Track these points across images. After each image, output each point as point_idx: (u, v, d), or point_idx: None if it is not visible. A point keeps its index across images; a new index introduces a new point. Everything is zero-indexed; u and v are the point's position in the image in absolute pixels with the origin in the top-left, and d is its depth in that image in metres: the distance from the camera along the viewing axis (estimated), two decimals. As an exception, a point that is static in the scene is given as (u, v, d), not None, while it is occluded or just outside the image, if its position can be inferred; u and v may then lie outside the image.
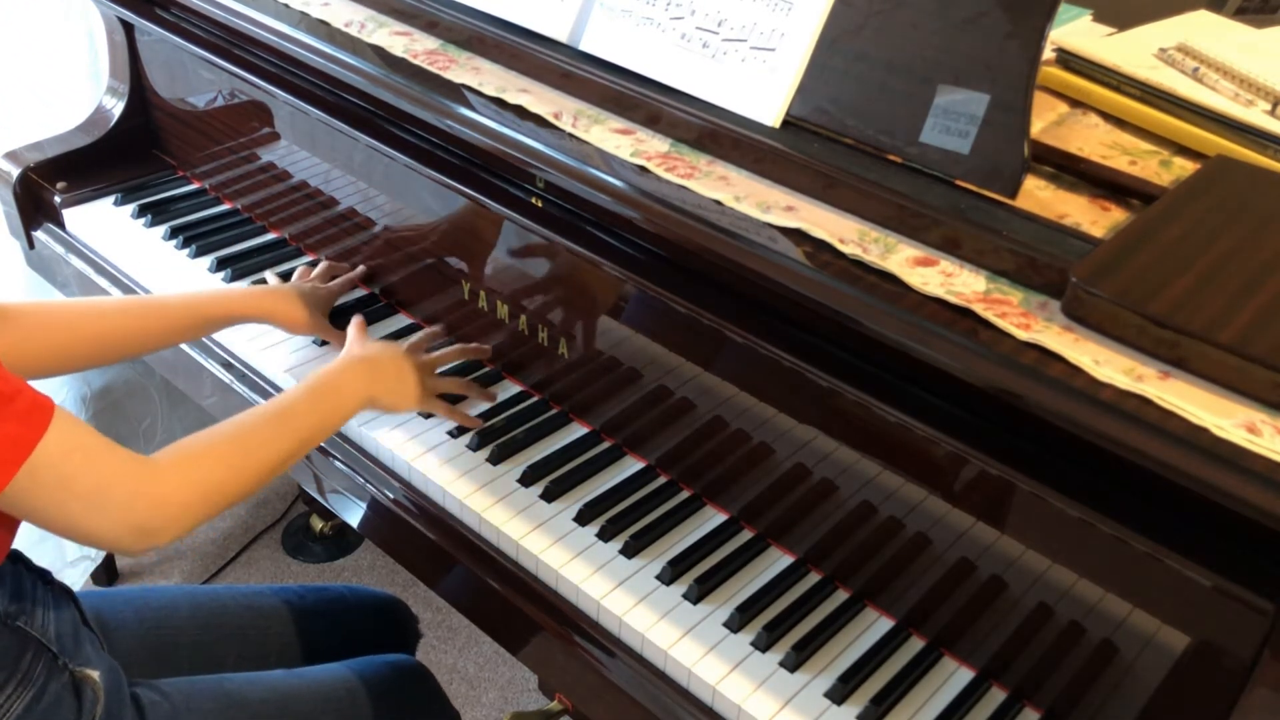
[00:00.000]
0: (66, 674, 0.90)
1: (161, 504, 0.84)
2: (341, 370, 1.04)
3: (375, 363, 1.07)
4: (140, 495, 0.83)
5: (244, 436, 0.92)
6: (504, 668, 1.86)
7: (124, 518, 0.82)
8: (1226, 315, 0.75)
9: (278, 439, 0.94)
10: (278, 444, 0.93)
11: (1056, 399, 0.75)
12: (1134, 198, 0.95)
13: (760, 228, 0.92)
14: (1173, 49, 1.12)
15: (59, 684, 0.89)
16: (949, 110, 0.91)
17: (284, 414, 0.96)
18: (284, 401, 0.97)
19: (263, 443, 0.92)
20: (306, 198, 1.40)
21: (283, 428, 0.95)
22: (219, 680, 1.05)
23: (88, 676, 0.92)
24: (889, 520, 0.94)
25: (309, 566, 2.04)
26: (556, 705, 1.58)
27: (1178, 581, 0.76)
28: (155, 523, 0.84)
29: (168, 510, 0.84)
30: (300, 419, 0.96)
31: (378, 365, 1.07)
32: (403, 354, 1.11)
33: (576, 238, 1.06)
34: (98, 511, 0.81)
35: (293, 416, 0.96)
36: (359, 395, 1.03)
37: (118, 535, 0.83)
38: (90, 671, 0.92)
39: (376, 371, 1.06)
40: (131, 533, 0.83)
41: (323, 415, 0.99)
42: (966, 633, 0.94)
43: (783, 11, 1.00)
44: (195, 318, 1.14)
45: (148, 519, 0.83)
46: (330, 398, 1.00)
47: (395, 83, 1.14)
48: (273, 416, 0.95)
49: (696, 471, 1.08)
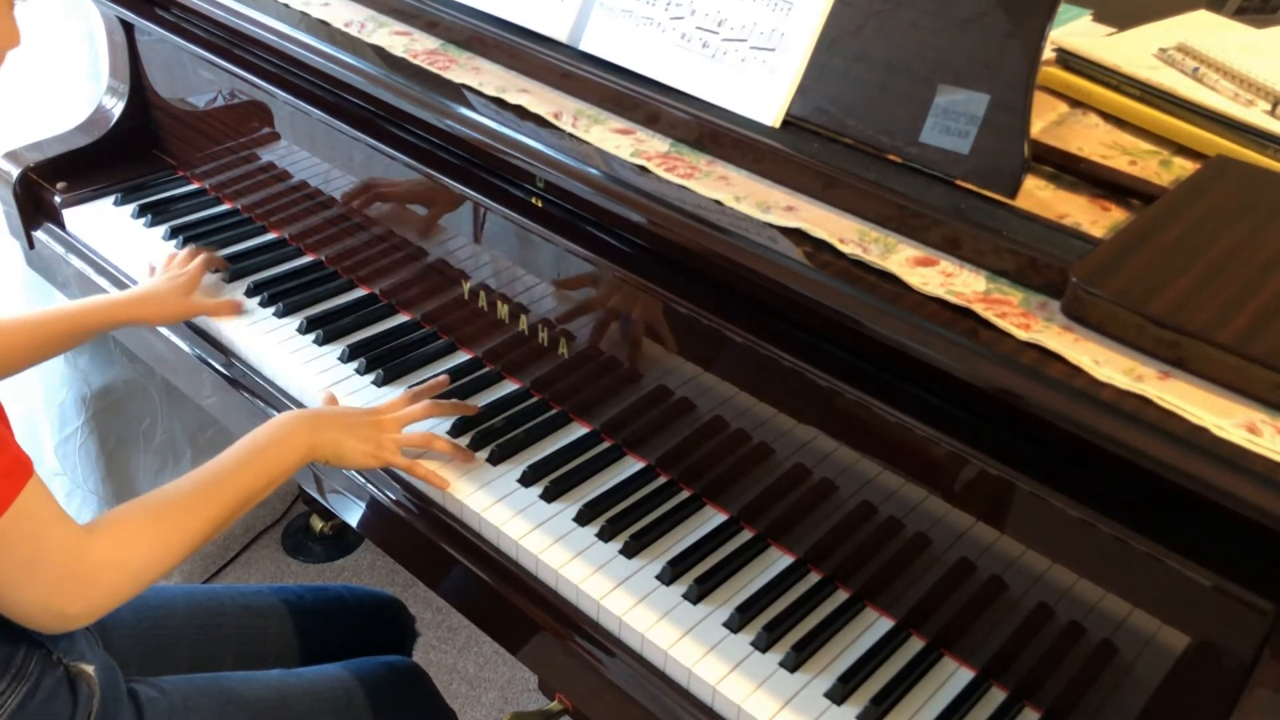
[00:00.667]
0: (61, 669, 0.90)
1: (88, 587, 0.83)
2: (277, 425, 1.01)
3: (317, 415, 1.04)
4: (68, 577, 0.81)
5: (177, 509, 0.90)
6: (504, 668, 1.86)
7: (46, 598, 0.81)
8: (1226, 315, 0.75)
9: (209, 505, 0.92)
10: (210, 510, 0.92)
11: (1056, 399, 0.75)
12: (1134, 198, 0.95)
13: (760, 228, 0.92)
14: (1173, 49, 1.12)
15: (53, 678, 0.89)
16: (949, 110, 0.91)
17: (216, 479, 0.94)
18: (217, 465, 0.95)
19: (195, 513, 0.91)
20: (306, 198, 1.40)
21: (215, 494, 0.93)
22: (216, 678, 1.05)
23: (82, 671, 0.92)
24: (889, 520, 0.94)
25: (309, 566, 2.04)
26: (556, 705, 1.58)
27: (1178, 581, 0.76)
28: (75, 608, 0.83)
29: (92, 596, 0.83)
30: (232, 481, 0.94)
31: (319, 417, 1.04)
32: (357, 412, 1.08)
33: (576, 238, 1.06)
34: (23, 585, 0.80)
35: (225, 480, 0.94)
36: (298, 448, 1.00)
37: (34, 613, 0.82)
38: (85, 666, 0.92)
39: (318, 422, 1.03)
40: (48, 614, 0.82)
41: (255, 474, 0.96)
42: (966, 633, 0.94)
43: (783, 11, 1.00)
44: (64, 332, 1.19)
45: (69, 602, 0.82)
46: (262, 456, 0.97)
47: (395, 83, 1.14)
48: (205, 483, 0.93)
49: (696, 471, 1.08)
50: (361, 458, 1.05)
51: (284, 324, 1.30)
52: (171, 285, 1.29)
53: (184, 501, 0.91)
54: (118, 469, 1.88)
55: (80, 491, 1.85)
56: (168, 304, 1.28)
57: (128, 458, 1.90)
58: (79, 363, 1.76)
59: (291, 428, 1.01)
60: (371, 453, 1.05)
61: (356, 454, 1.04)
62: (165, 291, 1.28)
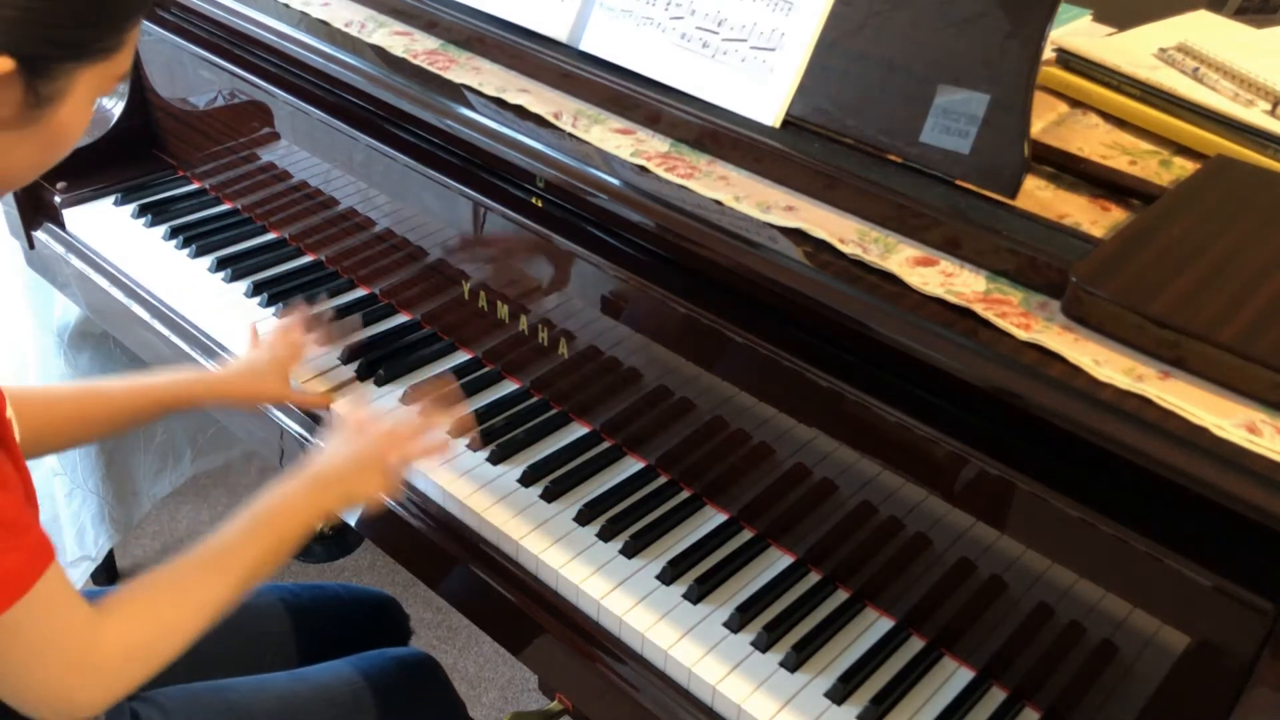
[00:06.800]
0: None
1: (98, 673, 0.80)
2: (286, 494, 0.95)
3: (318, 476, 0.98)
4: (79, 664, 0.78)
5: (184, 588, 0.86)
6: (504, 668, 1.86)
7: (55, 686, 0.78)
8: (1226, 315, 0.75)
9: (215, 583, 0.88)
10: (216, 588, 0.88)
11: (1056, 399, 0.75)
12: (1134, 198, 0.95)
13: (760, 228, 0.92)
14: (1173, 49, 1.13)
15: None
16: (949, 110, 0.91)
17: (221, 555, 0.89)
18: (221, 542, 0.90)
19: (202, 591, 0.87)
20: (306, 198, 1.40)
21: (221, 571, 0.89)
22: (221, 690, 1.03)
23: None
24: (889, 520, 0.94)
25: (309, 566, 2.04)
26: (556, 705, 1.58)
27: (1178, 581, 0.76)
28: (84, 695, 0.79)
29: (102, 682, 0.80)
30: (238, 557, 0.90)
31: (319, 478, 0.98)
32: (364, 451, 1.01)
33: (576, 238, 1.06)
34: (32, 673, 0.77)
35: (230, 556, 0.90)
36: (300, 517, 0.95)
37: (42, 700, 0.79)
38: None
39: (319, 483, 0.97)
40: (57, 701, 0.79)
41: (262, 549, 0.91)
42: (966, 633, 0.94)
43: (783, 11, 1.00)
44: (145, 406, 1.09)
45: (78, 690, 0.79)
46: (267, 530, 0.93)
47: (395, 83, 1.14)
48: (211, 561, 0.89)
49: (696, 471, 1.08)
50: (372, 496, 1.02)
51: (284, 324, 1.30)
52: (275, 364, 1.16)
53: (191, 580, 0.87)
54: (118, 469, 1.88)
55: (80, 491, 1.85)
56: (265, 383, 1.15)
57: (127, 458, 1.90)
58: (79, 362, 1.75)
59: (296, 494, 0.95)
60: (381, 487, 1.02)
61: (366, 496, 1.01)
62: (265, 369, 1.16)
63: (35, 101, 0.71)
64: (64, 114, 0.74)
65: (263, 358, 1.17)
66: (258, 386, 1.15)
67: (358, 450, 1.01)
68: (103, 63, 0.74)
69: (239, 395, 1.15)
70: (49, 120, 0.73)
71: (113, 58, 0.74)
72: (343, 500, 1.00)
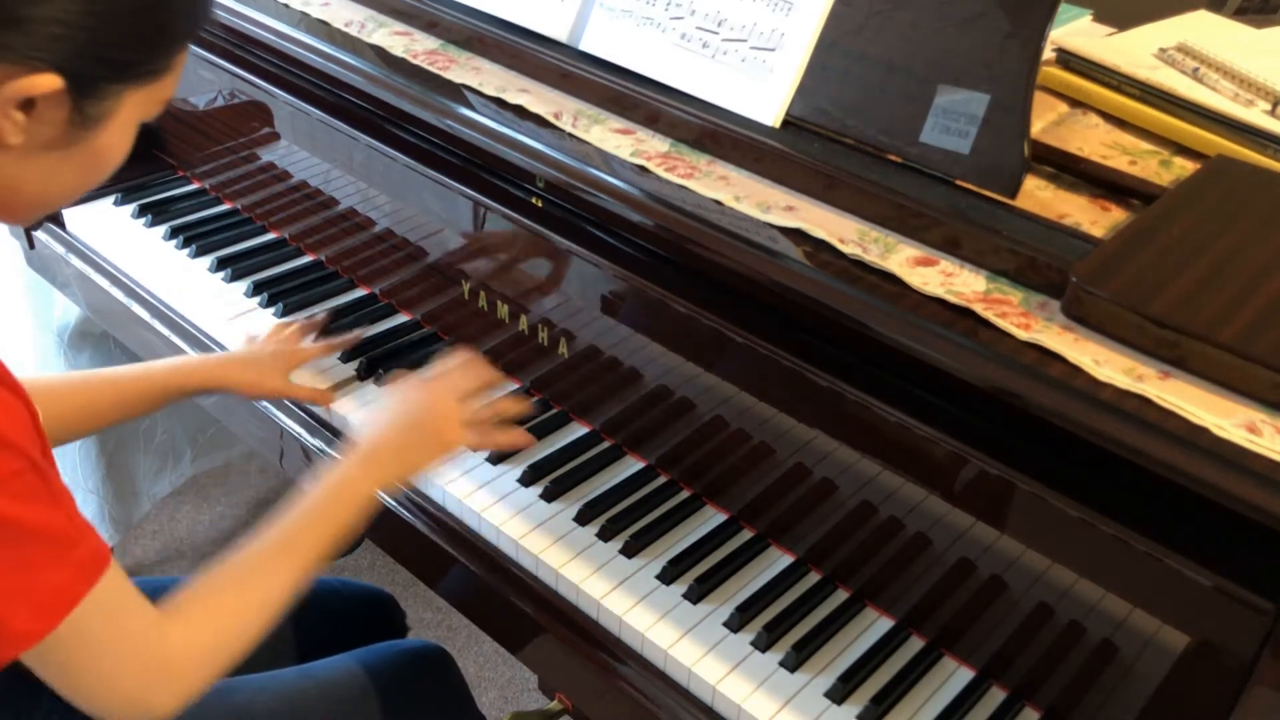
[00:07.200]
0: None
1: (171, 675, 0.79)
2: (342, 476, 0.93)
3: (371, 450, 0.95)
4: (151, 667, 0.77)
5: (248, 582, 0.85)
6: (504, 668, 1.86)
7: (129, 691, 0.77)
8: (1226, 315, 0.75)
9: (279, 573, 0.87)
10: (282, 582, 0.86)
11: (1056, 399, 0.75)
12: (1134, 198, 0.95)
13: (760, 228, 0.92)
14: (1173, 49, 1.13)
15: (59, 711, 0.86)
16: (949, 110, 0.91)
17: (284, 547, 0.88)
18: (284, 531, 0.88)
19: (266, 584, 0.86)
20: (306, 198, 1.40)
21: (284, 561, 0.87)
22: (223, 692, 1.01)
23: None
24: (889, 520, 0.94)
25: (309, 566, 2.04)
26: (556, 705, 1.58)
27: (1178, 581, 0.76)
28: (160, 698, 0.78)
29: (176, 683, 0.79)
30: (299, 545, 0.88)
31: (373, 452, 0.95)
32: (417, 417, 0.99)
33: (576, 238, 1.06)
34: (104, 678, 0.76)
35: (293, 547, 0.88)
36: (357, 499, 0.92)
37: (117, 707, 0.78)
38: None
39: (373, 459, 0.95)
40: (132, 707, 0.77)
41: (320, 534, 0.89)
42: (966, 633, 0.94)
43: (783, 12, 1.00)
44: (150, 391, 1.08)
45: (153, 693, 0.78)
46: (331, 513, 0.91)
47: (395, 83, 1.14)
48: (274, 553, 0.87)
49: (696, 471, 1.08)
50: (433, 465, 1.00)
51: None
52: (277, 357, 1.16)
53: (254, 575, 0.86)
54: (118, 469, 1.89)
55: (80, 491, 1.85)
56: (266, 375, 1.14)
57: (127, 458, 1.90)
58: (79, 362, 1.76)
59: (352, 474, 0.93)
60: (440, 455, 0.99)
61: (426, 464, 0.99)
62: (268, 361, 1.15)
63: (80, 122, 0.69)
64: (107, 136, 0.72)
65: (265, 350, 1.18)
66: (259, 378, 1.14)
67: (412, 417, 0.99)
68: (150, 85, 0.72)
69: (241, 385, 1.14)
70: (92, 142, 0.71)
71: (161, 80, 0.72)
72: (404, 470, 0.97)
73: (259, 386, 1.15)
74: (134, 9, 0.68)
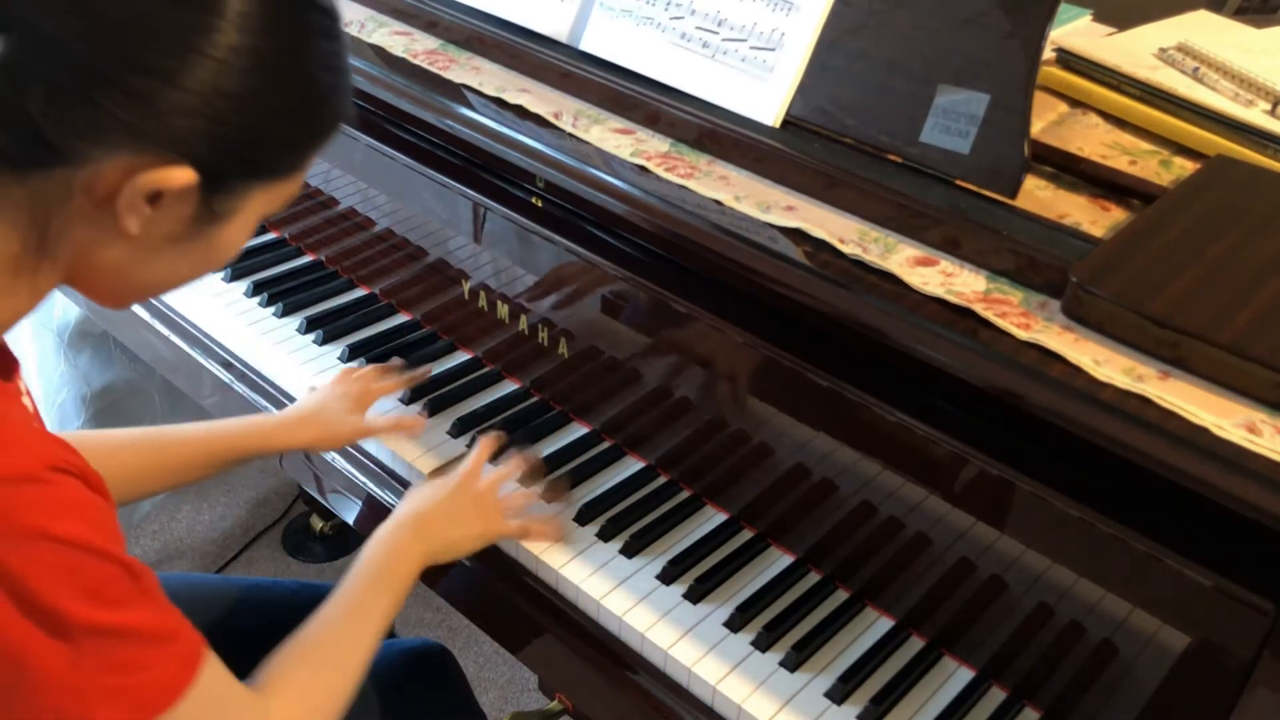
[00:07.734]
0: None
1: None
2: (391, 541, 0.95)
3: (421, 520, 0.97)
4: None
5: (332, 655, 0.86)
6: (504, 668, 1.86)
7: None
8: (1226, 315, 0.75)
9: (359, 640, 0.88)
10: (361, 645, 0.88)
11: (1056, 399, 0.75)
12: (1134, 198, 0.95)
13: (760, 228, 0.92)
14: (1173, 49, 1.13)
15: None
16: (949, 110, 0.91)
17: (357, 612, 0.89)
18: (350, 598, 0.90)
19: (349, 652, 0.87)
20: (306, 197, 1.40)
21: (361, 627, 0.89)
22: None
23: None
24: (889, 520, 0.94)
25: (309, 566, 2.04)
26: (556, 705, 1.58)
27: (1178, 581, 0.76)
28: None
29: None
30: (373, 609, 0.90)
31: (424, 521, 0.97)
32: (453, 493, 1.00)
33: (576, 238, 1.06)
34: None
35: (365, 610, 0.90)
36: (414, 559, 0.95)
37: None
38: None
39: (425, 528, 0.96)
40: None
41: (388, 596, 0.91)
42: (966, 633, 0.94)
43: (783, 11, 1.00)
44: (196, 457, 1.03)
45: None
46: (390, 578, 0.92)
47: (395, 83, 1.14)
48: (351, 621, 0.89)
49: (696, 471, 1.08)
50: (473, 545, 1.00)
51: (284, 324, 1.30)
52: (345, 399, 1.11)
53: (338, 645, 0.87)
54: (118, 469, 1.88)
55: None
56: (334, 426, 1.09)
57: (128, 457, 1.90)
58: (79, 362, 1.76)
59: (405, 540, 0.95)
60: (480, 535, 1.00)
61: (468, 544, 1.00)
62: (334, 408, 1.10)
63: (206, 217, 0.65)
64: (229, 232, 0.68)
65: (331, 395, 1.12)
66: (326, 432, 1.09)
67: (456, 497, 1.00)
68: (279, 183, 0.69)
69: (305, 443, 1.09)
70: (212, 238, 0.67)
71: (290, 178, 0.69)
72: (443, 550, 0.98)
73: (329, 440, 1.10)
74: (284, 110, 0.65)
